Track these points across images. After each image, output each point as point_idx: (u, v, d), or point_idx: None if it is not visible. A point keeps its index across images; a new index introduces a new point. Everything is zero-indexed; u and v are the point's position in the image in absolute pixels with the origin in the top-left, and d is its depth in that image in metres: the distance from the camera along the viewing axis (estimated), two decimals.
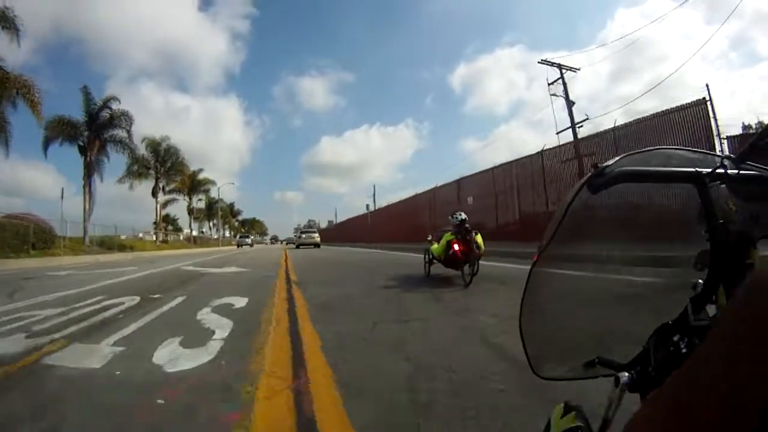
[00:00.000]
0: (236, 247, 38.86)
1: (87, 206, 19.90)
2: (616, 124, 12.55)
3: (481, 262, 5.10)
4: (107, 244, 21.47)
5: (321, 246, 26.58)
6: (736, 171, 0.49)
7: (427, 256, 5.90)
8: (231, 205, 70.65)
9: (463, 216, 5.30)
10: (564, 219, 0.50)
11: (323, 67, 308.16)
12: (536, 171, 15.31)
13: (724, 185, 0.50)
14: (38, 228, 15.67)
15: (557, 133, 21.46)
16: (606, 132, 13.15)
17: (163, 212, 39.65)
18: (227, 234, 72.85)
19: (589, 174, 0.50)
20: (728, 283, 0.46)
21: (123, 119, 21.00)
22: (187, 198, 41.11)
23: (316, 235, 28.67)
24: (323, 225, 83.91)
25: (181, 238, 42.54)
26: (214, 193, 45.64)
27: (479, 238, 5.14)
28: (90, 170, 20.17)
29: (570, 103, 21.68)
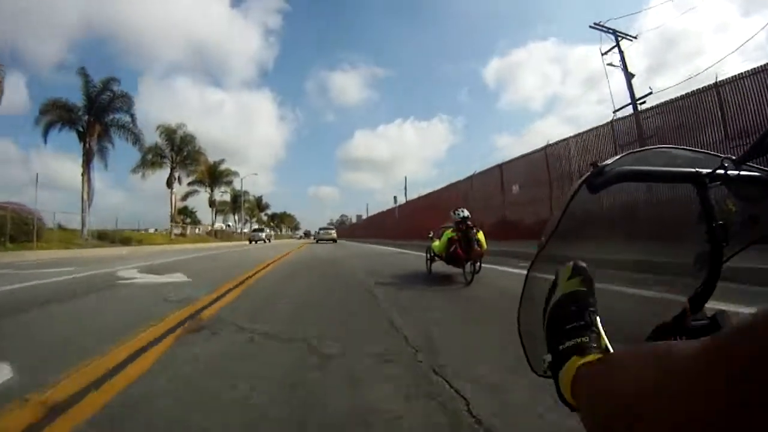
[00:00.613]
0: (248, 242, 34.70)
1: (86, 196, 18.41)
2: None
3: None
4: (110, 237, 20.15)
5: (338, 242, 31.17)
6: (736, 172, 0.48)
7: (428, 254, 5.91)
8: (259, 199, 70.14)
9: (466, 213, 5.17)
10: (562, 219, 0.49)
11: (355, 62, 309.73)
12: (605, 148, 11.82)
13: (724, 186, 0.49)
14: (19, 219, 14.21)
15: (614, 112, 18.03)
16: (702, 91, 9.15)
17: (184, 204, 39.04)
18: (255, 227, 72.63)
19: (588, 173, 0.49)
20: None
21: (122, 101, 19.35)
22: (208, 190, 40.20)
23: (333, 232, 35.52)
24: (354, 220, 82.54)
25: (203, 231, 41.85)
26: (245, 186, 44.65)
27: (481, 236, 4.94)
28: (89, 157, 18.67)
29: (629, 75, 18.42)
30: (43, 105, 17.64)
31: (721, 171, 0.48)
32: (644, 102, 16.08)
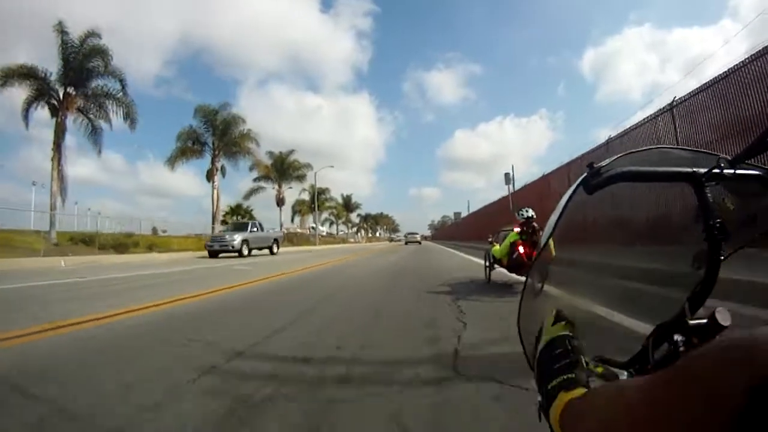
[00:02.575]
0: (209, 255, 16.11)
1: (55, 187, 14.64)
2: None
3: None
4: (98, 242, 16.38)
5: (425, 246, 33.69)
6: (732, 170, 0.49)
7: (487, 260, 5.62)
8: (347, 198, 66.37)
9: (531, 213, 4.86)
10: (559, 221, 0.51)
11: (450, 60, 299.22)
12: None
13: (721, 185, 0.50)
14: None
15: None
16: None
17: (244, 203, 36.12)
18: (345, 230, 69.48)
19: (585, 174, 0.50)
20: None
21: (100, 58, 15.24)
22: (276, 186, 36.79)
23: (418, 236, 46.70)
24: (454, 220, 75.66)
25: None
26: (334, 186, 40.64)
27: None
28: (59, 137, 14.96)
29: None
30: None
31: (718, 170, 0.49)
32: None
